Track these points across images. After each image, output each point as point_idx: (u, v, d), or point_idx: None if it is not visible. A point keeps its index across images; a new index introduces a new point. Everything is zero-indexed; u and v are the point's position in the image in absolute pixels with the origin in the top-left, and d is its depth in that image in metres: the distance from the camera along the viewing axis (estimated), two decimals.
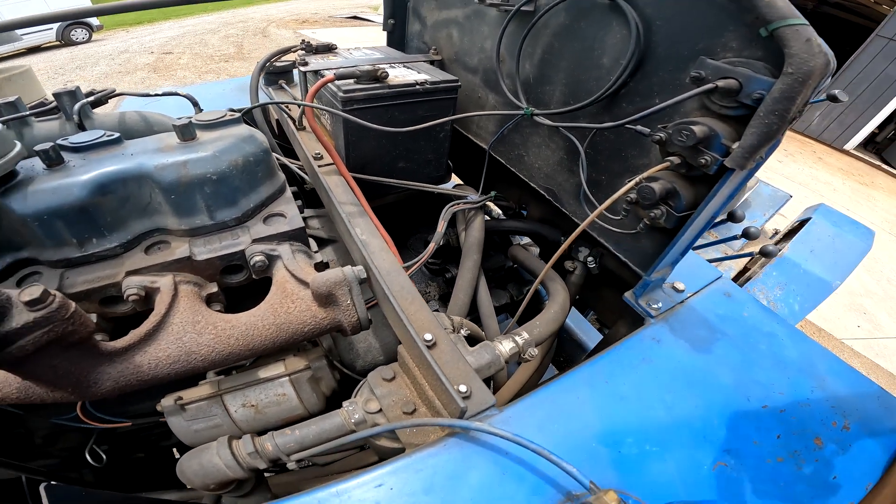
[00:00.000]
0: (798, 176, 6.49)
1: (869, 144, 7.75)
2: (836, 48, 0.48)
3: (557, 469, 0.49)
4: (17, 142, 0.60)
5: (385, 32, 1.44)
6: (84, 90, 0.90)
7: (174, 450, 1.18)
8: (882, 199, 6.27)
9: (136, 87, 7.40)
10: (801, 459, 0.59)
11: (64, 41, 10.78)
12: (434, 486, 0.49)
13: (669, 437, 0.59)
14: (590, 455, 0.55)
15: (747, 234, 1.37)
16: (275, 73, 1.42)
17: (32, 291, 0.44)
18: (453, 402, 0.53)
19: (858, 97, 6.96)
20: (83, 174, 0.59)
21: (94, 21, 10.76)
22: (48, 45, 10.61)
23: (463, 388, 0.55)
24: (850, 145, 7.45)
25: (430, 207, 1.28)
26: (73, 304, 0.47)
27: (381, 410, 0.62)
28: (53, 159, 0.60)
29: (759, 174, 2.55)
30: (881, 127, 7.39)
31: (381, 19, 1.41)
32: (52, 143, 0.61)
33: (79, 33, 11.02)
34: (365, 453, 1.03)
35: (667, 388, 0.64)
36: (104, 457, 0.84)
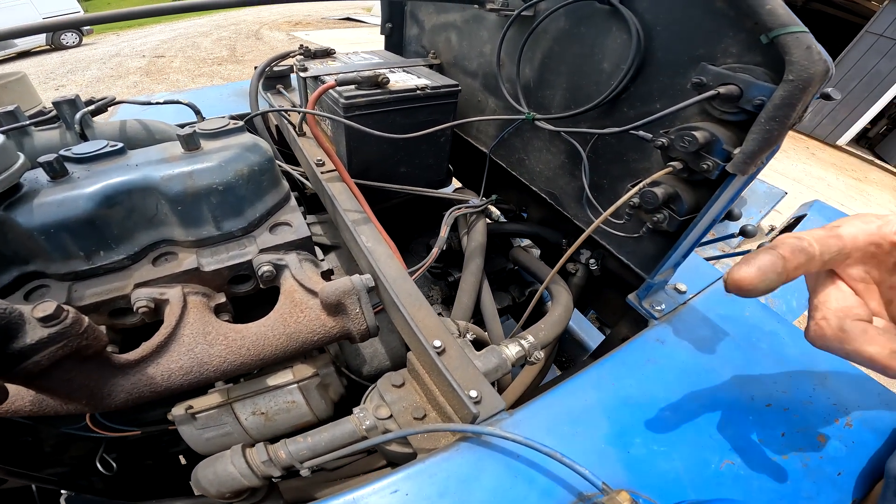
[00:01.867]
0: (791, 172, 6.54)
1: (861, 140, 7.82)
2: (826, 45, 0.49)
3: (569, 471, 0.50)
4: (20, 154, 0.60)
5: (382, 35, 1.44)
6: (82, 98, 0.89)
7: (180, 457, 1.18)
8: (876, 193, 6.33)
9: (129, 91, 7.35)
10: (806, 457, 0.59)
11: (54, 45, 10.69)
12: (448, 491, 0.50)
13: (676, 436, 0.59)
14: (600, 456, 0.56)
15: (744, 232, 1.38)
16: (272, 77, 1.41)
17: (45, 307, 0.44)
18: (465, 407, 0.54)
19: (850, 93, 7.03)
20: (89, 186, 0.59)
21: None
22: (38, 49, 10.53)
23: (473, 393, 0.55)
24: (843, 140, 7.52)
25: (430, 211, 1.28)
26: (87, 319, 0.47)
27: (391, 416, 0.62)
28: (58, 171, 0.60)
29: None
30: (873, 122, 7.47)
31: (374, 20, 1.42)
32: (55, 155, 0.61)
33: (69, 37, 10.94)
34: (373, 457, 1.03)
35: (672, 388, 0.65)
36: (114, 465, 0.84)
